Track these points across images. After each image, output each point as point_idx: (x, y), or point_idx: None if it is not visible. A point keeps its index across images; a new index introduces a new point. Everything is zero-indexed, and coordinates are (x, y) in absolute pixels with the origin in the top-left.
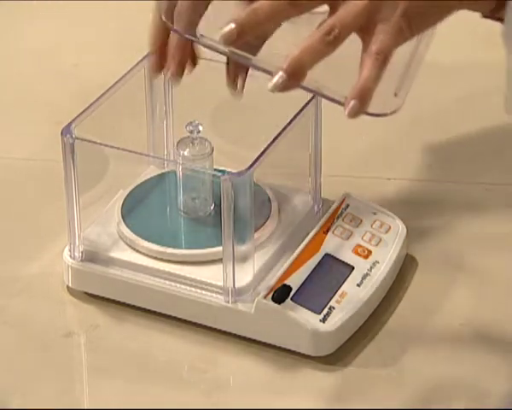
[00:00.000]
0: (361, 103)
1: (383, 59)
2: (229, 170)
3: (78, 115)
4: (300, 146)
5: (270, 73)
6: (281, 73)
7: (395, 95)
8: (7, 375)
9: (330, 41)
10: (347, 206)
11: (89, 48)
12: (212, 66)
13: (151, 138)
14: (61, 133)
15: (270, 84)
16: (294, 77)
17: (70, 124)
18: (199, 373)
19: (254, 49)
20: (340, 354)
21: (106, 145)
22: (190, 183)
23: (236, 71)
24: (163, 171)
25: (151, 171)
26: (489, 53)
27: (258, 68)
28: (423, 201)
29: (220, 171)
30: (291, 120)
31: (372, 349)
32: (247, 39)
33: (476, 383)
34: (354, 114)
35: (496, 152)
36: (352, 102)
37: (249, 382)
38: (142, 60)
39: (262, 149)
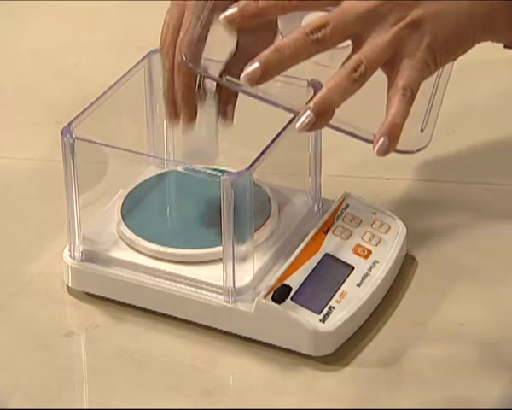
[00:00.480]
0: (390, 141)
1: (410, 94)
2: (229, 170)
3: (78, 115)
4: (300, 146)
5: (293, 112)
6: (308, 113)
7: (421, 130)
8: (7, 375)
9: (356, 78)
10: (347, 206)
11: (89, 48)
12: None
13: (151, 138)
14: (61, 133)
15: (297, 124)
16: (322, 116)
17: (70, 124)
18: (199, 373)
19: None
20: (340, 353)
21: (106, 145)
22: None
23: (228, 100)
24: (163, 171)
25: (151, 171)
26: (492, 54)
27: (279, 106)
28: (423, 201)
29: (220, 171)
30: (291, 120)
31: (372, 349)
32: (271, 78)
33: (476, 384)
34: (384, 151)
35: (496, 152)
36: (382, 140)
37: (249, 382)
38: (142, 60)
39: (262, 149)
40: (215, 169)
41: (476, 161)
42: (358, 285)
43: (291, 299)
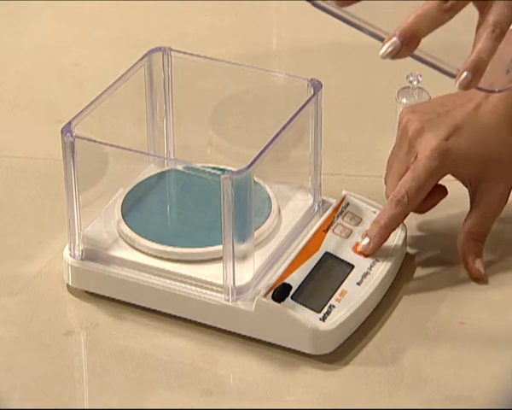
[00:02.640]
0: (473, 75)
1: (500, 32)
2: (229, 168)
3: (78, 114)
4: (301, 144)
5: (378, 38)
6: (394, 39)
7: (507, 72)
8: (7, 374)
9: (447, 8)
10: (347, 204)
11: (89, 47)
12: (211, 66)
13: (151, 137)
14: (61, 132)
15: (381, 51)
16: (407, 44)
17: (70, 123)
18: (199, 372)
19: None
20: (340, 352)
21: (106, 144)
22: None
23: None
24: (163, 170)
25: (151, 169)
26: None
27: (365, 31)
28: None
29: (220, 169)
30: (291, 119)
31: (372, 348)
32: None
33: (476, 383)
34: (466, 85)
35: None
36: (465, 74)
37: (249, 380)
38: (142, 58)
39: (262, 148)
40: (215, 168)
41: None
42: (358, 284)
43: (291, 298)
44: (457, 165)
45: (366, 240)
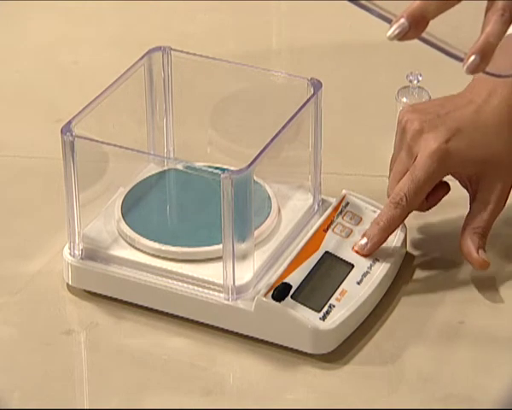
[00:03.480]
0: (481, 59)
1: (509, 15)
2: (229, 168)
3: (78, 113)
4: (301, 144)
5: (389, 21)
6: (402, 21)
7: None
8: (7, 373)
9: None
10: (347, 204)
11: (89, 45)
12: (211, 65)
13: (151, 136)
14: (61, 131)
15: (389, 33)
16: (415, 26)
17: (70, 122)
18: (199, 371)
19: None
20: (340, 352)
21: (106, 143)
22: None
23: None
24: (163, 169)
25: (151, 169)
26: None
27: (376, 14)
28: None
29: (220, 169)
30: (291, 118)
31: (372, 347)
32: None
33: (476, 382)
34: (473, 69)
35: None
36: (473, 58)
37: (249, 380)
38: (142, 57)
39: (262, 147)
40: (215, 167)
41: None
42: (358, 283)
43: (291, 297)
44: (457, 166)
45: (364, 240)
